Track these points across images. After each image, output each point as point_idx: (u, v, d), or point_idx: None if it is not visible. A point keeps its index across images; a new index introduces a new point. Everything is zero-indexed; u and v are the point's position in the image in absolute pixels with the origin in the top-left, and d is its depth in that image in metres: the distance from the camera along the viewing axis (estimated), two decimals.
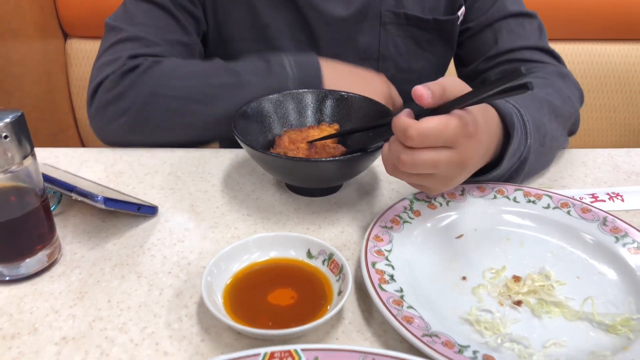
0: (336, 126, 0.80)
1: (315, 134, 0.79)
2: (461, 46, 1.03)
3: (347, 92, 0.81)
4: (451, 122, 0.55)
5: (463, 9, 0.98)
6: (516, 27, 0.96)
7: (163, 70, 0.79)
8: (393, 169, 0.60)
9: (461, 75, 1.05)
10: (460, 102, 0.55)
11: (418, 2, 0.96)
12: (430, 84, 0.56)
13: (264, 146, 0.79)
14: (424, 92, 0.55)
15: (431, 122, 0.55)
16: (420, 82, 0.57)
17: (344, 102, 0.81)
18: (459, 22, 1.00)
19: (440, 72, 1.06)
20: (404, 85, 0.96)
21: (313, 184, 0.75)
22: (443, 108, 0.56)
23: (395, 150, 0.58)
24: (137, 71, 0.79)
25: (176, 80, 0.79)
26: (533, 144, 0.71)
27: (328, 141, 0.77)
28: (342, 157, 0.67)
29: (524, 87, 0.50)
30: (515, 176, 0.74)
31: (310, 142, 0.76)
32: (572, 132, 0.88)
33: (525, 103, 0.73)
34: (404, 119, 0.56)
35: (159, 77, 0.78)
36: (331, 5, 0.93)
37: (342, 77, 0.87)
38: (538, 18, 0.99)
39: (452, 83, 0.57)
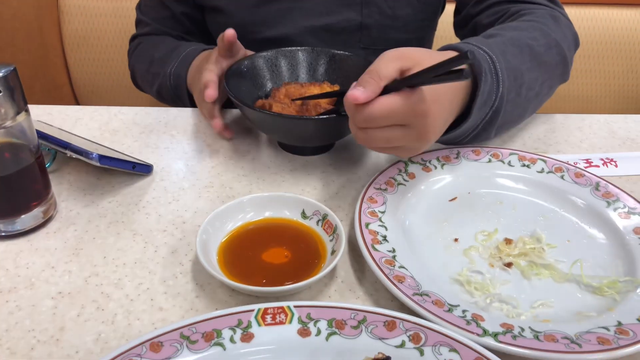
0: (337, 87, 0.80)
1: (316, 90, 0.78)
2: None
3: (344, 53, 0.81)
4: (397, 104, 0.55)
5: None
6: None
7: (136, 54, 1.02)
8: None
9: (456, 23, 1.01)
10: (406, 82, 0.55)
11: None
12: (362, 79, 0.56)
13: (256, 102, 0.79)
14: (356, 95, 0.55)
15: (377, 106, 0.55)
16: (404, 30, 0.57)
17: (343, 63, 0.81)
18: None
19: (428, 20, 1.00)
20: (388, 32, 0.95)
21: (299, 141, 0.75)
22: (392, 85, 0.56)
23: (352, 128, 0.60)
24: (129, 51, 1.06)
25: (139, 64, 1.01)
26: (507, 94, 0.69)
27: (323, 101, 0.76)
28: (319, 117, 0.67)
29: (460, 75, 0.50)
30: (488, 128, 0.71)
31: (297, 100, 0.76)
32: (562, 80, 0.83)
33: (504, 49, 0.70)
34: (350, 103, 0.56)
35: (134, 59, 1.03)
36: None
37: (190, 78, 0.88)
38: None
39: (393, 58, 0.57)
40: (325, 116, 0.68)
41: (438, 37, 1.08)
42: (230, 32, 0.74)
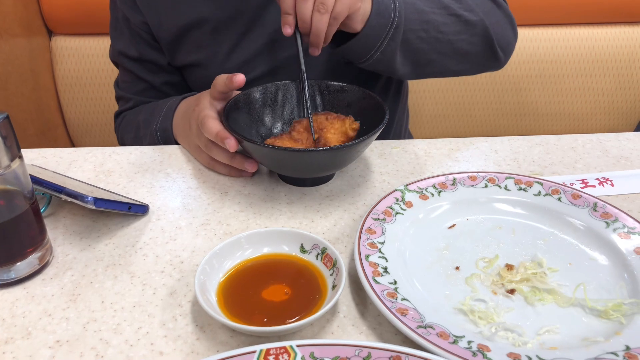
0: (357, 125, 0.79)
1: (337, 125, 0.79)
2: None
3: (338, 84, 0.81)
4: None
5: None
6: None
7: (122, 127, 1.05)
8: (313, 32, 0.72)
9: None
10: None
11: None
12: None
13: (257, 136, 0.79)
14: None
15: None
16: None
17: (338, 94, 0.82)
18: None
19: None
20: None
21: (300, 173, 0.75)
22: None
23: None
24: (116, 127, 1.08)
25: (127, 134, 1.02)
26: (409, 22, 0.79)
27: (334, 137, 0.78)
28: (323, 149, 0.67)
29: None
30: (392, 45, 0.80)
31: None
32: (488, 50, 0.90)
33: None
34: None
35: (121, 131, 1.06)
36: None
37: (176, 128, 0.89)
38: None
39: None
40: (321, 148, 0.68)
41: None
42: (241, 77, 0.74)
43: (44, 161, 0.83)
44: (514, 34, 0.95)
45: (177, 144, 0.89)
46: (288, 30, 0.74)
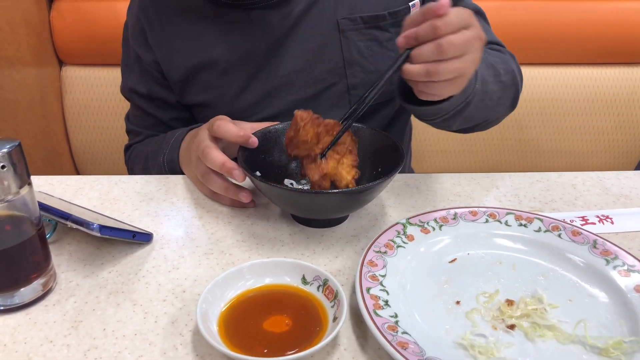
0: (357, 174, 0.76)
1: (348, 141, 0.75)
2: None
3: (357, 125, 0.79)
4: (453, 9, 0.65)
5: (417, 1, 0.98)
6: None
7: (132, 159, 1.07)
8: (426, 71, 0.67)
9: None
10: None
11: (372, 1, 0.94)
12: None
13: (270, 175, 0.79)
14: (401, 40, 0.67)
15: (453, 10, 0.65)
16: (391, 82, 0.70)
17: (356, 134, 0.78)
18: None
19: None
20: None
21: (315, 214, 0.75)
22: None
23: (429, 47, 0.66)
24: (126, 160, 1.10)
25: (136, 165, 1.04)
26: (477, 94, 0.78)
27: (347, 174, 0.74)
28: (346, 190, 0.68)
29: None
30: (457, 117, 0.79)
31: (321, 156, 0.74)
32: (512, 105, 0.93)
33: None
34: (432, 15, 0.64)
35: (131, 163, 1.08)
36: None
37: (182, 159, 0.90)
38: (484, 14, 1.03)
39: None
40: (338, 190, 0.68)
41: None
42: (254, 141, 0.75)
43: (51, 188, 0.84)
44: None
45: (183, 174, 0.90)
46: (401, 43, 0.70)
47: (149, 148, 0.99)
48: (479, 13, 1.01)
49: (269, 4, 0.90)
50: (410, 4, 0.97)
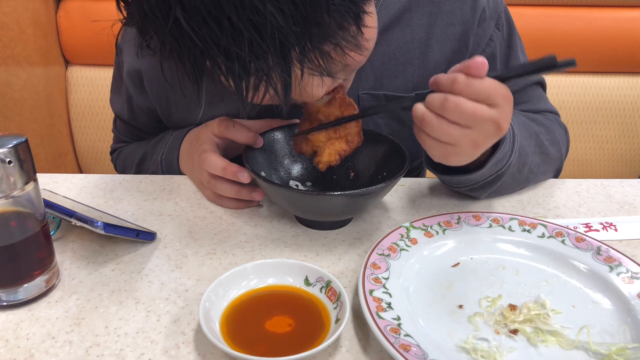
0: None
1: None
2: None
3: (365, 128, 0.77)
4: (498, 83, 0.61)
5: None
6: (528, 95, 0.93)
7: (123, 156, 1.07)
8: (422, 117, 0.62)
9: None
10: (507, 74, 0.63)
11: (401, 78, 0.87)
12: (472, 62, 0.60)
13: (276, 177, 0.79)
14: (481, 61, 0.59)
15: (488, 80, 0.60)
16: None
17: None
18: None
19: None
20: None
21: (319, 216, 0.74)
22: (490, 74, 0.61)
23: (439, 97, 0.60)
24: (113, 161, 1.12)
25: (128, 162, 1.04)
26: (512, 166, 0.75)
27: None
28: (350, 192, 0.67)
29: (554, 66, 0.61)
30: (486, 188, 0.77)
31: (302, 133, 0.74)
32: (555, 175, 0.91)
33: (519, 129, 0.75)
34: (449, 75, 0.60)
35: (121, 162, 1.08)
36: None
37: (182, 162, 0.89)
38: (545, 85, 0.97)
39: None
40: (342, 192, 0.67)
41: None
42: (260, 142, 0.75)
43: (55, 186, 0.85)
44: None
45: (181, 174, 0.90)
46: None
47: (143, 148, 0.98)
48: (541, 85, 0.95)
49: None
50: None
